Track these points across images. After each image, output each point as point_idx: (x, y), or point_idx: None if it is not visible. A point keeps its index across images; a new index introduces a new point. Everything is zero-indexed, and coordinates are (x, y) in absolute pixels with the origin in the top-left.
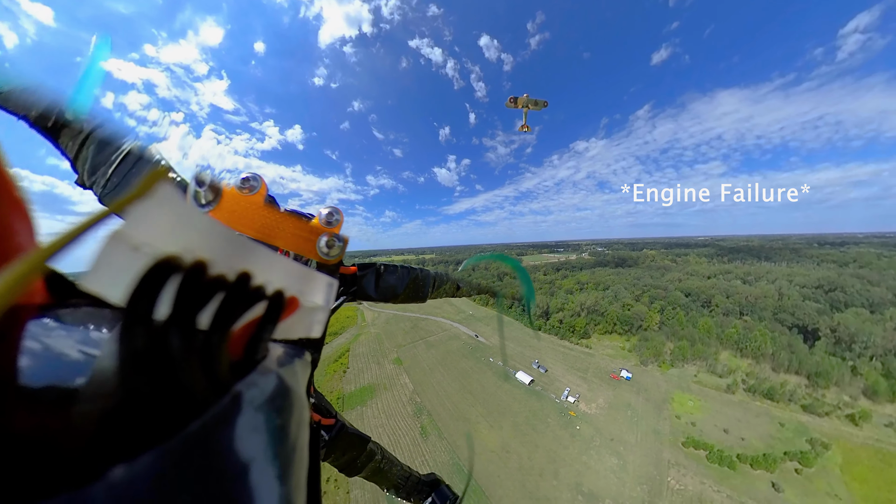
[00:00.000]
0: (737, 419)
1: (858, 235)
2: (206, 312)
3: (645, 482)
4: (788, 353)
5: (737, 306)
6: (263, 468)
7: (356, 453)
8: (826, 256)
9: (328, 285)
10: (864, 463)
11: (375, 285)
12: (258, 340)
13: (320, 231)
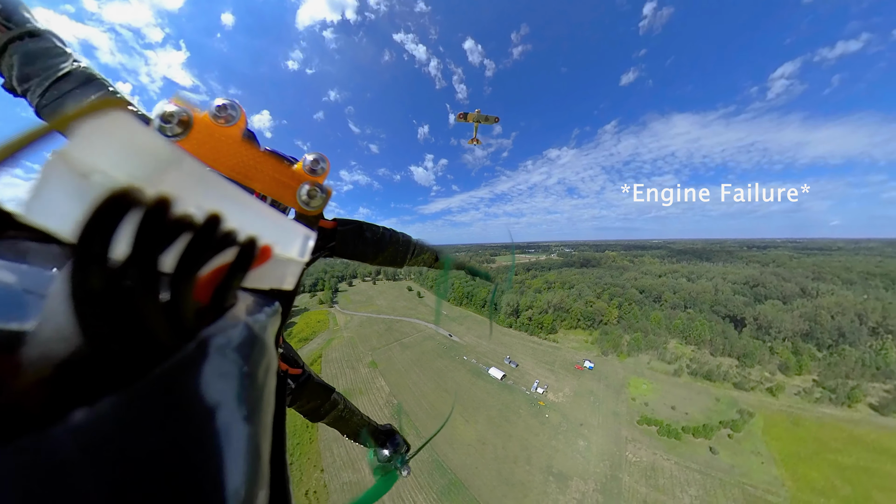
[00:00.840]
0: (682, 398)
1: (777, 241)
2: (170, 255)
3: (607, 458)
4: (723, 338)
5: (682, 301)
6: (230, 412)
7: (321, 402)
8: (752, 258)
9: (305, 237)
10: (780, 425)
11: (354, 244)
12: (227, 288)
13: (302, 178)
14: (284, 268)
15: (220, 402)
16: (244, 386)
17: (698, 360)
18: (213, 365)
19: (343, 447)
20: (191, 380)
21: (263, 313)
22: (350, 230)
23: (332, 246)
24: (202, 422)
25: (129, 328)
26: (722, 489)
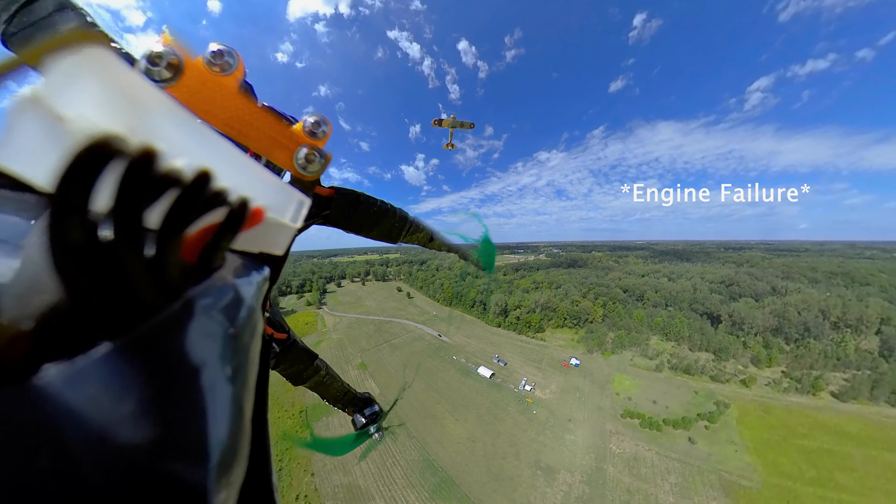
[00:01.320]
0: (663, 392)
1: (751, 242)
2: (156, 211)
3: (592, 451)
4: (700, 335)
5: (663, 299)
6: (215, 371)
7: (303, 366)
8: (728, 258)
9: (299, 203)
10: (752, 414)
11: (350, 214)
12: (215, 248)
13: (301, 140)
14: (276, 232)
15: (205, 361)
16: (229, 347)
17: (678, 355)
18: (199, 325)
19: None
20: (175, 339)
21: (251, 277)
22: (347, 200)
23: (326, 214)
24: (186, 380)
25: (112, 284)
26: (699, 476)
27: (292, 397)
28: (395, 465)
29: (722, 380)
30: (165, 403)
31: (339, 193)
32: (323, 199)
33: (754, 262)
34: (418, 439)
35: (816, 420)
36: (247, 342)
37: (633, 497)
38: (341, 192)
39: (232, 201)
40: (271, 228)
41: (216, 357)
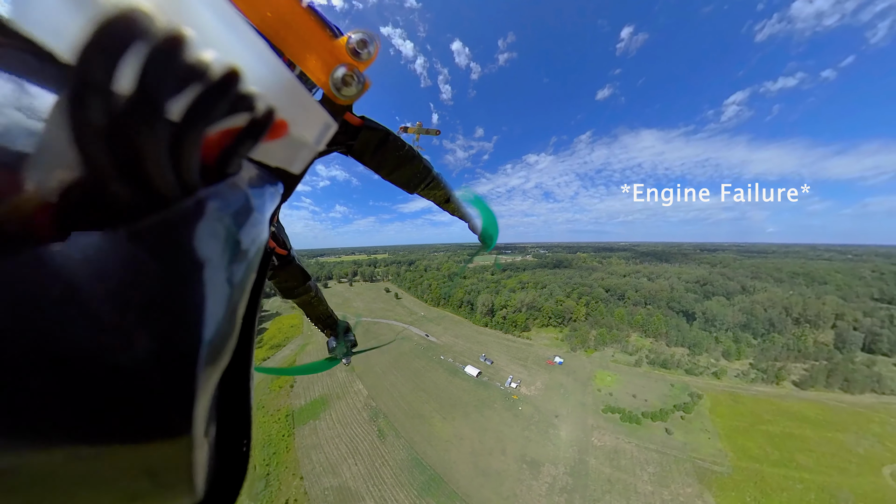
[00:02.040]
0: (642, 386)
1: (724, 244)
2: (179, 102)
3: (575, 445)
4: (677, 331)
5: (643, 298)
6: (216, 271)
7: (296, 283)
8: (703, 259)
9: (325, 126)
10: (724, 404)
11: (375, 151)
12: (233, 153)
13: (342, 58)
14: (296, 150)
15: (209, 259)
16: (232, 251)
17: (656, 350)
18: (207, 225)
19: (322, 453)
20: (184, 234)
21: (264, 189)
22: (375, 135)
23: (350, 144)
24: (190, 272)
25: (129, 170)
26: (676, 465)
27: (278, 402)
28: (383, 466)
29: (696, 373)
30: (167, 290)
31: (368, 126)
32: (350, 127)
33: (727, 263)
34: (406, 439)
35: (780, 407)
36: (249, 249)
37: (613, 487)
38: (370, 126)
39: (257, 108)
40: (292, 145)
41: (219, 258)
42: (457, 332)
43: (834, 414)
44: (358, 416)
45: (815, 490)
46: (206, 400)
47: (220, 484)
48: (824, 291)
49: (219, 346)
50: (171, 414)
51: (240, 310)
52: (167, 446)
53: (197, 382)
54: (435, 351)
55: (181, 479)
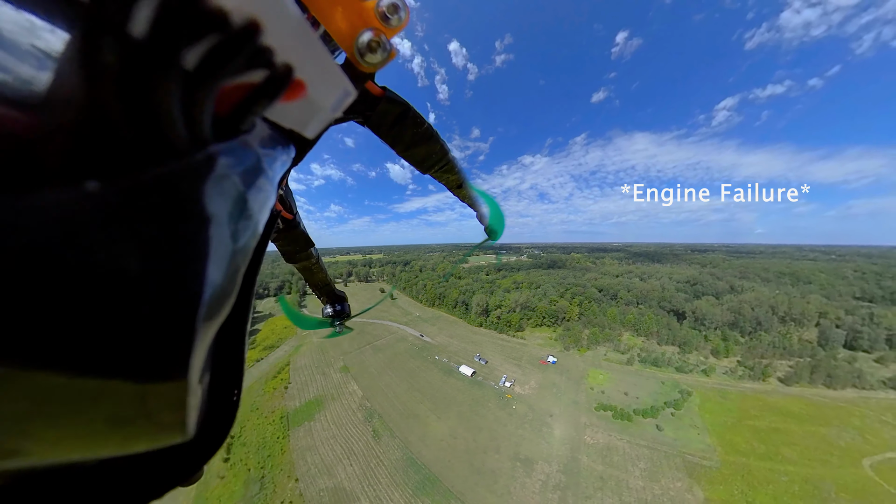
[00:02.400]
0: (633, 384)
1: (714, 245)
2: (195, 50)
3: (568, 442)
4: (667, 330)
5: (634, 298)
6: (221, 228)
7: (298, 248)
8: (694, 259)
9: (345, 92)
10: (713, 400)
11: (393, 124)
12: (248, 110)
13: (370, 21)
14: (312, 113)
15: (214, 216)
16: (239, 210)
17: (647, 349)
18: (216, 181)
19: (317, 454)
20: (192, 187)
21: (276, 151)
22: (395, 108)
23: (368, 115)
24: (196, 227)
25: (140, 117)
26: (666, 460)
27: (272, 404)
28: (378, 466)
29: (686, 370)
30: (172, 242)
31: (389, 98)
32: (370, 96)
33: (716, 264)
34: (401, 439)
35: (766, 403)
36: (255, 210)
37: (605, 483)
38: (391, 98)
39: (276, 65)
40: (308, 108)
41: (225, 215)
42: (452, 333)
43: (817, 409)
44: (353, 416)
45: (798, 482)
46: (202, 350)
47: (210, 427)
48: (809, 291)
49: (219, 302)
50: (170, 360)
51: (242, 269)
52: (164, 388)
53: (195, 333)
54: (430, 351)
55: (175, 420)
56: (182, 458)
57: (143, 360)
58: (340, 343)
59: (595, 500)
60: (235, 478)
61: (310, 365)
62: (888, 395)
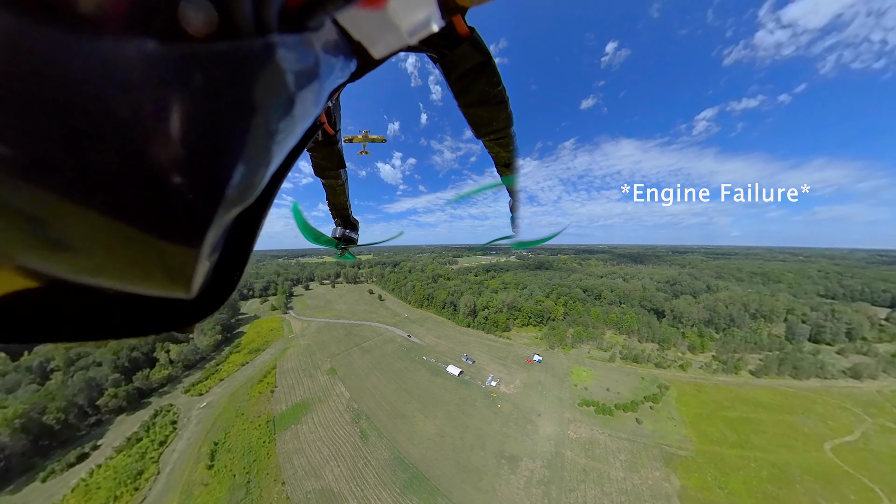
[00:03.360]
0: (615, 380)
1: (694, 247)
2: None
3: (552, 439)
4: (647, 328)
5: (617, 297)
6: (262, 119)
7: (330, 165)
8: (674, 261)
9: (427, 19)
10: (689, 393)
11: (467, 73)
12: (319, 7)
13: None
14: (385, 31)
15: (259, 106)
16: (284, 108)
17: (628, 346)
18: (269, 72)
19: (304, 457)
20: (245, 71)
21: (337, 60)
22: (477, 57)
23: (444, 53)
24: (239, 110)
25: None
26: (645, 451)
27: (259, 408)
28: (366, 466)
29: (664, 366)
30: (214, 121)
31: (474, 42)
32: (454, 34)
33: (694, 265)
34: (389, 439)
35: (738, 394)
36: (299, 113)
37: (588, 476)
38: (476, 43)
39: None
40: (383, 23)
41: (269, 108)
42: (440, 333)
43: (784, 398)
44: (340, 418)
45: (767, 467)
46: (218, 229)
47: (209, 295)
48: (778, 289)
49: (243, 191)
50: (188, 230)
51: (272, 167)
52: (179, 251)
53: (216, 213)
54: (418, 352)
55: (183, 279)
56: (181, 312)
57: (167, 222)
58: (328, 345)
59: (578, 493)
60: (220, 484)
61: (296, 368)
62: (847, 383)
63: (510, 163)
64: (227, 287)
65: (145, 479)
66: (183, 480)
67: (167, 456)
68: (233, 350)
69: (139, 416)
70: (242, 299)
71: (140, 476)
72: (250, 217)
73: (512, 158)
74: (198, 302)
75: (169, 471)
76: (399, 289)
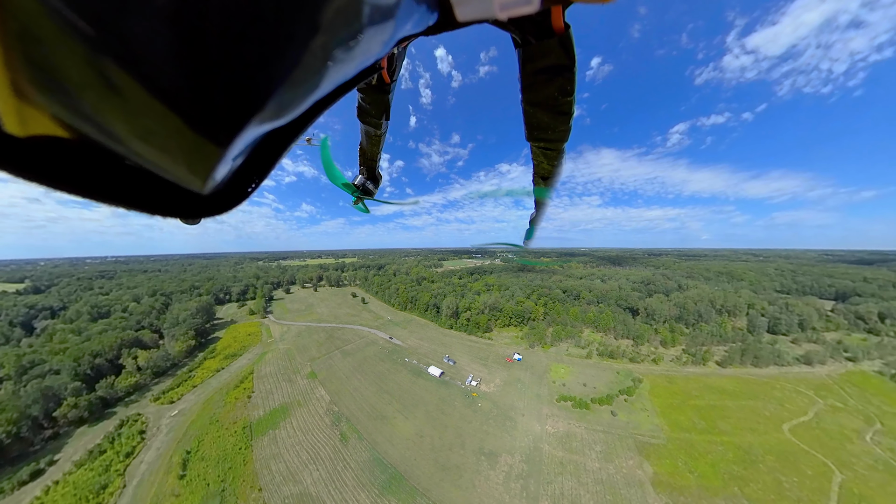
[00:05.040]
0: (592, 375)
1: (668, 250)
2: None
3: (530, 434)
4: (623, 325)
5: (595, 297)
6: (321, 43)
7: (375, 113)
8: (649, 262)
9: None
10: (661, 385)
11: (545, 69)
12: None
13: None
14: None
15: (326, 27)
16: (348, 38)
17: (605, 343)
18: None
19: (282, 462)
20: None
21: (417, 8)
22: (561, 58)
23: (527, 39)
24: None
25: None
26: (619, 441)
27: (234, 415)
28: (345, 469)
29: (638, 360)
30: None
31: (564, 40)
32: (546, 23)
33: (668, 266)
34: (369, 440)
35: (705, 384)
36: (361, 48)
37: (565, 468)
38: (565, 42)
39: None
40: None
41: (333, 33)
42: (422, 335)
43: (747, 385)
44: (320, 421)
45: (732, 449)
46: (248, 138)
47: (219, 196)
48: (740, 287)
49: (281, 109)
50: (221, 128)
51: (318, 93)
52: (205, 146)
53: (251, 120)
54: (400, 354)
55: (202, 173)
56: (191, 203)
57: (204, 116)
58: (308, 349)
59: (555, 485)
60: (192, 494)
61: (275, 373)
62: (801, 369)
63: (550, 176)
64: (238, 195)
65: (109, 494)
66: (152, 492)
67: (134, 468)
68: (207, 356)
69: (103, 427)
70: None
71: (104, 490)
72: (279, 138)
73: (554, 173)
74: (208, 199)
75: (136, 483)
76: (383, 292)
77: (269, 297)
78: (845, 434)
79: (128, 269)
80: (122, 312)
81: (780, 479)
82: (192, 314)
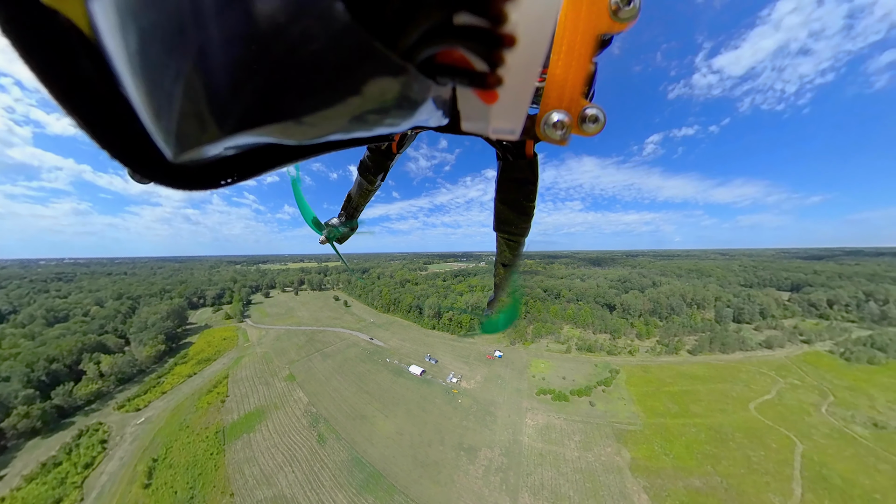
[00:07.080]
0: (571, 369)
1: (645, 251)
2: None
3: (510, 428)
4: (601, 320)
5: (575, 296)
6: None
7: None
8: (627, 262)
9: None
10: (637, 375)
11: (513, 179)
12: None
13: (573, 105)
14: (479, 118)
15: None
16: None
17: (583, 338)
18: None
19: (256, 465)
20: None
21: (436, 111)
22: (528, 175)
23: (507, 157)
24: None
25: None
26: (598, 430)
27: (206, 419)
28: (323, 469)
29: (615, 352)
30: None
31: (531, 164)
32: (521, 150)
33: (643, 265)
34: (347, 440)
35: (678, 371)
36: (384, 121)
37: (545, 459)
38: (532, 166)
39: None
40: (481, 113)
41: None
42: (404, 336)
43: (715, 370)
44: (297, 423)
45: (705, 430)
46: (254, 138)
47: (190, 172)
48: (709, 282)
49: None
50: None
51: (333, 135)
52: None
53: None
54: (381, 354)
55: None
56: (151, 161)
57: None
58: (287, 352)
59: (535, 476)
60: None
61: (251, 376)
62: (763, 353)
63: (510, 264)
64: (207, 181)
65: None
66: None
67: (94, 479)
68: (178, 361)
69: (59, 438)
70: (192, 308)
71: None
72: (279, 154)
73: (512, 262)
74: (170, 168)
75: (95, 495)
76: (366, 294)
77: (246, 301)
78: (804, 408)
79: (89, 272)
80: (82, 316)
81: (749, 454)
82: (162, 318)
